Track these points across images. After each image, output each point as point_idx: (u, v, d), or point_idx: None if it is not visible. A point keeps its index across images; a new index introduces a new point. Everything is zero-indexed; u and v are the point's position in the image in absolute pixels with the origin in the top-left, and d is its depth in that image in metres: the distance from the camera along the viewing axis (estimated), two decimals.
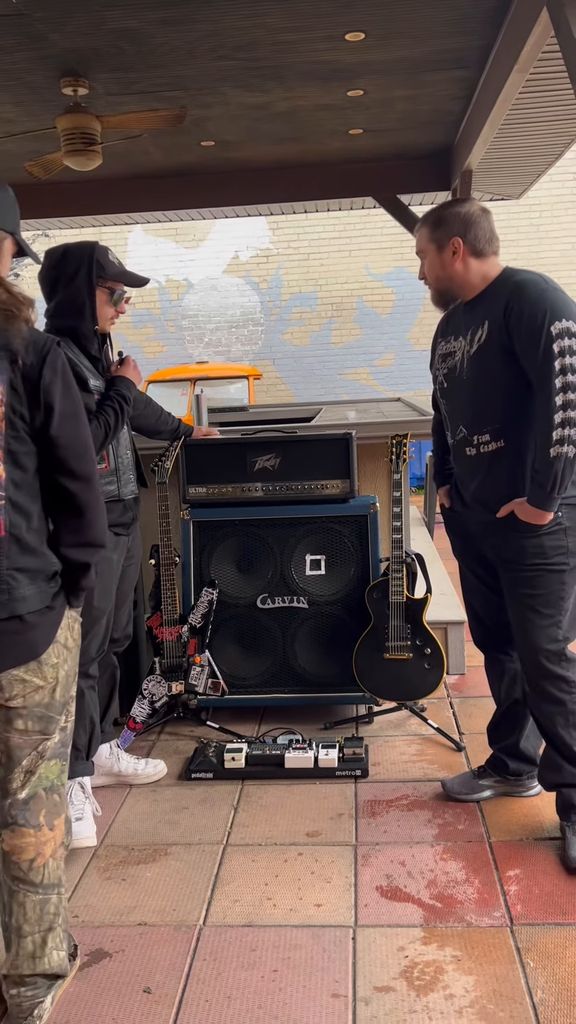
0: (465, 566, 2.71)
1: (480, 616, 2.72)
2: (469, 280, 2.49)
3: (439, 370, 2.64)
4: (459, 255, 2.47)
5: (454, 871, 2.40)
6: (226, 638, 3.42)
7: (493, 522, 2.47)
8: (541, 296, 2.32)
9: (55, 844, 1.85)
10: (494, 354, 2.40)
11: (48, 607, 1.77)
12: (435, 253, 2.51)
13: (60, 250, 2.69)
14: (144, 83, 5.13)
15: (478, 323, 2.45)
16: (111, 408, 2.66)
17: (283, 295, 11.34)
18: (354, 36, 4.54)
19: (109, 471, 2.73)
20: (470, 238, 2.47)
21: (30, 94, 5.25)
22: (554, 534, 2.39)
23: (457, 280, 2.50)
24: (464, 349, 2.51)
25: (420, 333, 11.13)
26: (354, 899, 2.29)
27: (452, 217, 2.49)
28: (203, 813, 2.77)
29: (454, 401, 2.57)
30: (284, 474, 3.37)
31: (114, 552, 2.77)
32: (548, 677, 2.44)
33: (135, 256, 11.48)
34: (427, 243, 2.53)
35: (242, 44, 4.57)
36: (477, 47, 4.78)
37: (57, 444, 1.76)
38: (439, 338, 2.68)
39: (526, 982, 1.96)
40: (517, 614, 2.47)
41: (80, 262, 2.65)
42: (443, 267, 2.50)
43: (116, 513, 2.76)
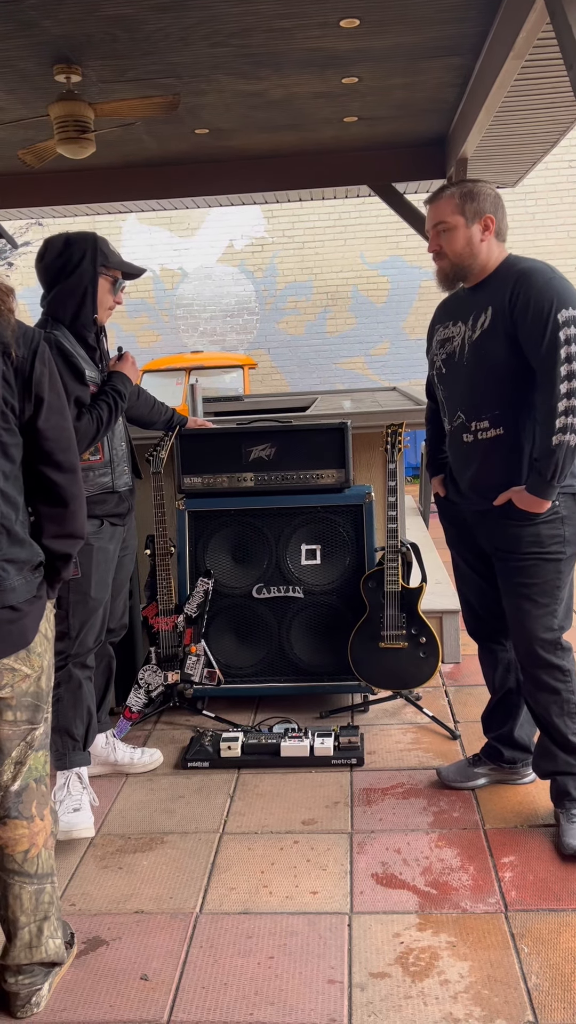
0: (459, 555, 2.71)
1: (473, 606, 2.73)
2: (487, 261, 2.44)
3: (437, 356, 2.61)
4: (489, 232, 2.43)
5: (449, 858, 2.41)
6: (222, 628, 3.42)
7: (489, 510, 2.47)
8: (548, 284, 2.30)
9: (46, 834, 1.86)
10: (497, 340, 2.38)
11: (35, 596, 1.78)
12: (464, 227, 2.42)
13: (62, 239, 2.68)
14: (137, 70, 5.10)
15: (481, 308, 2.42)
16: (105, 403, 2.66)
17: (278, 284, 11.31)
18: (349, 23, 4.52)
19: (103, 463, 2.74)
20: (499, 218, 2.44)
21: (22, 81, 5.21)
22: (551, 523, 2.39)
23: (480, 259, 2.44)
24: (465, 334, 2.48)
25: (415, 322, 11.11)
26: (350, 886, 2.31)
27: (484, 194, 2.43)
28: (199, 802, 2.79)
29: (452, 387, 2.54)
30: (279, 464, 3.37)
31: (110, 542, 2.78)
32: (543, 666, 2.45)
33: (129, 245, 11.43)
34: (455, 215, 2.43)
35: (236, 31, 4.55)
36: (473, 34, 4.75)
37: (45, 436, 1.76)
38: (437, 324, 2.65)
39: (520, 967, 1.97)
40: (512, 603, 2.48)
41: (85, 250, 2.65)
42: (470, 243, 2.43)
43: (111, 504, 2.76)
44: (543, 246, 10.56)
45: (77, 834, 2.55)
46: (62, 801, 2.62)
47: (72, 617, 2.67)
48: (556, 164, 9.98)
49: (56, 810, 2.61)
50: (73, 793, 2.64)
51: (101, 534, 2.74)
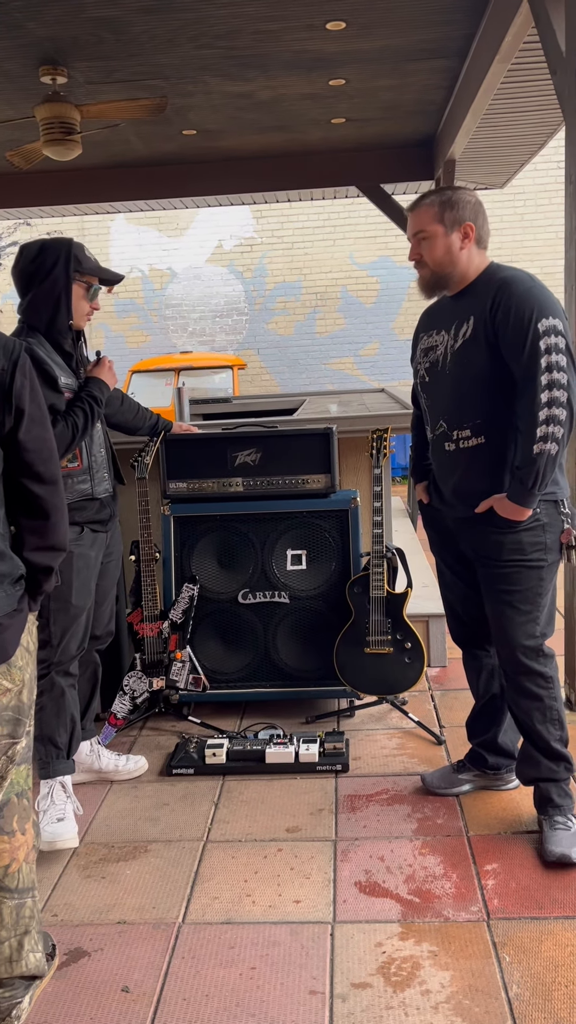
0: (443, 562, 2.71)
1: (457, 612, 2.73)
2: (467, 269, 2.44)
3: (420, 364, 2.61)
4: (469, 240, 2.41)
5: (432, 866, 2.42)
6: (207, 633, 3.42)
7: (471, 518, 2.47)
8: (528, 293, 2.30)
9: (28, 848, 1.85)
10: (479, 349, 2.38)
11: (16, 610, 1.77)
12: (443, 235, 2.41)
13: (36, 245, 2.66)
14: (124, 72, 5.08)
15: (463, 317, 2.43)
16: (80, 409, 2.63)
17: (267, 284, 11.30)
18: (335, 25, 4.52)
19: (82, 469, 2.71)
20: (479, 225, 2.43)
21: (8, 83, 5.19)
22: (532, 530, 2.39)
23: (460, 267, 2.43)
24: (447, 343, 2.48)
25: (404, 323, 11.12)
26: (333, 895, 2.31)
27: (464, 202, 2.41)
28: (184, 809, 2.78)
29: (435, 395, 2.55)
30: (265, 469, 3.36)
31: (91, 549, 2.76)
32: (525, 673, 2.46)
33: (118, 245, 11.39)
34: (434, 223, 2.42)
35: (223, 33, 4.54)
36: (459, 37, 4.76)
37: (25, 448, 1.75)
38: (421, 332, 2.65)
39: (502, 977, 1.98)
40: (495, 610, 2.48)
41: (57, 256, 2.63)
42: (449, 251, 2.42)
43: (91, 511, 2.75)
44: (531, 247, 10.59)
45: (61, 844, 2.54)
46: (45, 811, 2.61)
47: (53, 625, 2.66)
48: (544, 165, 10.00)
49: (39, 821, 2.60)
50: (57, 802, 2.63)
51: (82, 540, 2.72)
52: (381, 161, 7.37)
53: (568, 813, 2.49)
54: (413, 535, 5.74)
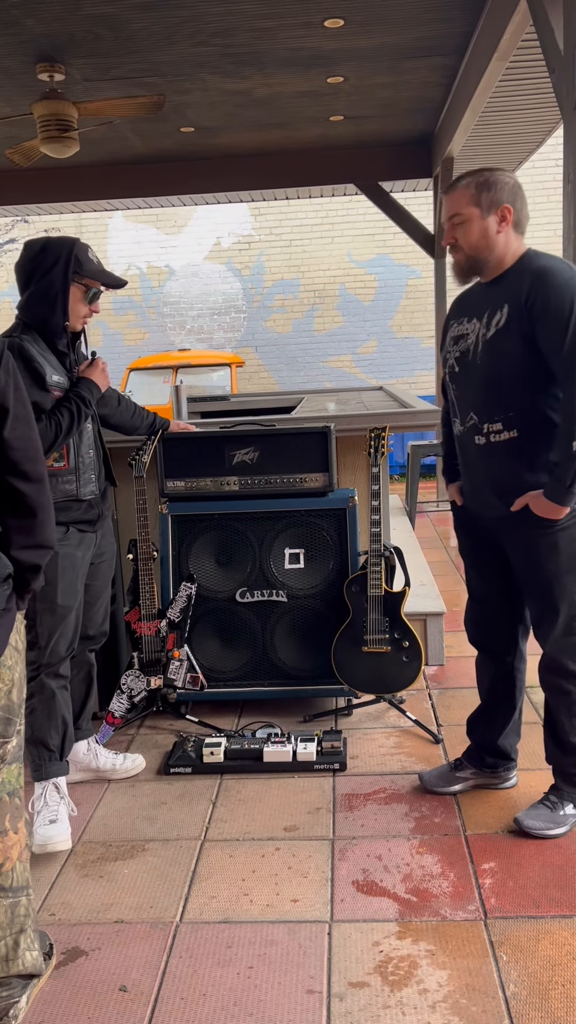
0: (471, 566, 2.65)
1: (478, 615, 2.68)
2: (504, 254, 2.35)
3: (450, 353, 2.49)
4: (507, 223, 2.32)
5: (430, 865, 2.42)
6: (205, 632, 3.41)
7: (506, 516, 2.39)
8: (567, 284, 2.21)
9: (21, 847, 1.85)
10: (512, 340, 2.28)
11: (4, 609, 1.76)
12: (479, 218, 2.31)
13: (40, 243, 2.64)
14: (121, 69, 5.08)
15: (497, 305, 2.33)
16: (66, 409, 2.60)
17: (265, 282, 11.28)
18: (333, 23, 4.52)
19: (68, 470, 2.68)
20: (517, 209, 2.33)
21: (5, 79, 5.18)
22: (568, 529, 2.34)
23: (497, 251, 2.34)
24: (479, 332, 2.38)
25: (402, 320, 11.12)
26: (330, 894, 2.31)
27: (502, 183, 2.31)
28: (181, 808, 2.78)
29: (465, 386, 2.45)
30: (262, 468, 3.36)
31: (78, 548, 2.73)
32: (558, 671, 2.46)
33: (116, 243, 11.38)
34: (470, 206, 2.32)
35: (220, 30, 4.54)
36: (457, 34, 4.75)
37: (11, 446, 1.74)
38: (451, 319, 2.53)
39: (499, 976, 1.98)
40: (532, 608, 2.47)
41: (58, 256, 2.60)
42: (485, 235, 2.32)
43: (78, 511, 2.71)
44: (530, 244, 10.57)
45: (53, 847, 2.53)
46: (39, 812, 2.61)
47: (40, 626, 2.63)
48: (543, 163, 9.99)
49: (32, 822, 2.60)
50: (50, 804, 2.62)
51: (67, 540, 2.69)
52: (379, 159, 7.37)
53: (564, 799, 2.51)
54: (411, 533, 5.74)
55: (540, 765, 2.87)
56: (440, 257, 7.70)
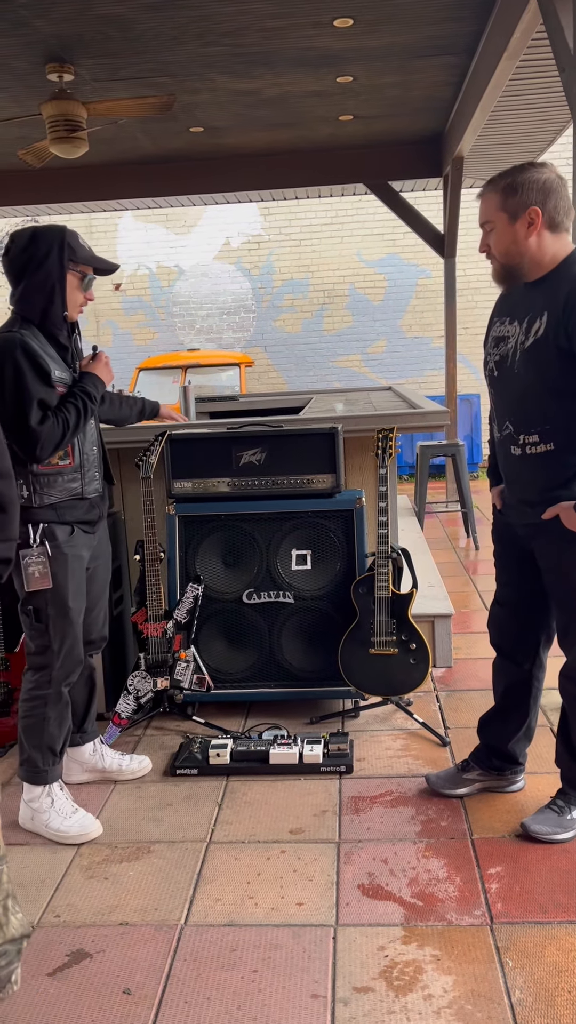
0: (501, 569, 2.62)
1: (502, 621, 2.65)
2: (540, 258, 2.26)
3: (491, 355, 2.42)
4: (536, 227, 2.22)
5: (436, 869, 2.41)
6: (212, 633, 3.41)
7: (539, 525, 2.36)
8: None
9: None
10: (549, 352, 2.21)
11: None
12: (507, 224, 2.25)
13: (28, 232, 2.56)
14: (131, 69, 5.08)
15: (537, 312, 2.25)
16: (73, 405, 2.56)
17: (275, 282, 11.27)
18: (342, 22, 4.50)
19: (73, 467, 2.64)
20: (549, 208, 2.22)
21: (15, 80, 5.19)
22: None
23: (529, 256, 2.26)
24: (518, 338, 2.31)
25: (412, 320, 11.09)
26: (336, 898, 2.30)
27: (529, 183, 2.22)
28: (187, 810, 2.77)
29: (502, 394, 2.38)
30: (270, 468, 3.35)
31: (83, 550, 2.70)
32: None
33: (125, 242, 11.39)
34: (497, 212, 2.26)
35: (229, 30, 4.53)
36: (467, 33, 4.73)
37: None
38: (495, 317, 2.45)
39: (504, 982, 1.96)
40: (560, 619, 2.44)
41: (51, 245, 2.53)
42: (515, 240, 2.25)
43: (81, 510, 2.68)
44: None
45: (95, 833, 2.62)
46: (47, 810, 2.61)
47: (53, 630, 2.61)
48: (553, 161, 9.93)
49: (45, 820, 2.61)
50: (59, 798, 2.63)
51: (73, 541, 2.65)
52: (389, 158, 7.35)
53: (572, 803, 2.50)
54: (420, 534, 5.72)
55: (548, 768, 2.86)
56: (450, 257, 7.67)
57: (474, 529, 6.41)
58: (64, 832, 2.60)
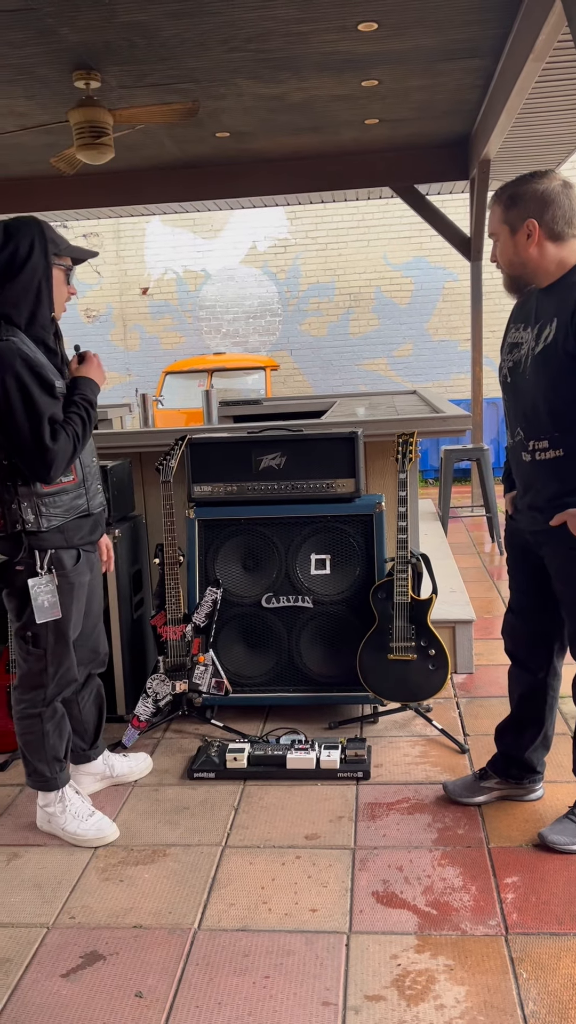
0: (513, 579, 2.61)
1: (516, 629, 2.64)
2: (544, 267, 2.27)
3: (505, 361, 2.43)
4: (534, 239, 2.24)
5: (451, 877, 2.39)
6: (231, 637, 3.42)
7: (548, 531, 2.35)
8: None
9: None
10: (559, 358, 2.21)
11: None
12: (508, 236, 2.27)
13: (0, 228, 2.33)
14: (156, 75, 5.11)
15: (547, 319, 2.26)
16: (77, 416, 2.40)
17: (301, 285, 11.29)
18: (367, 26, 4.50)
19: (76, 483, 2.48)
20: (547, 219, 2.23)
21: (42, 88, 5.25)
22: None
23: (531, 266, 2.28)
24: (530, 344, 2.31)
25: (439, 323, 11.04)
26: (350, 904, 2.29)
27: (528, 195, 2.23)
28: (203, 814, 2.78)
29: (514, 400, 2.38)
30: (289, 473, 3.35)
31: (87, 574, 2.59)
32: None
33: (153, 247, 11.46)
34: (499, 224, 2.29)
35: (253, 36, 4.54)
36: (493, 36, 4.71)
37: None
38: (510, 323, 2.45)
39: (518, 993, 1.94)
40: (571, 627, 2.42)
41: (32, 239, 2.32)
42: (516, 252, 2.28)
43: (86, 530, 2.55)
44: None
45: (112, 836, 2.63)
46: (62, 813, 2.63)
47: (51, 655, 2.55)
48: None
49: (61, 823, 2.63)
50: (73, 801, 2.65)
51: (79, 568, 2.54)
52: (415, 162, 7.34)
53: None
54: (443, 539, 5.69)
55: (568, 778, 2.83)
56: (476, 260, 7.63)
57: (499, 534, 6.36)
58: (80, 835, 2.61)
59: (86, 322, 11.65)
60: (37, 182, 7.69)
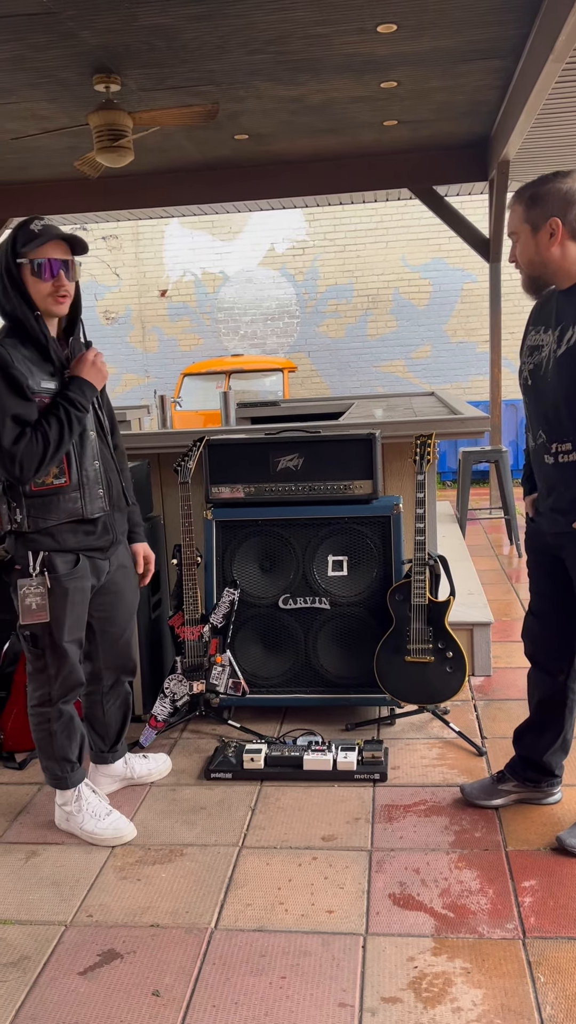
0: (533, 579, 2.60)
1: (535, 632, 2.62)
2: (565, 267, 2.25)
3: (525, 364, 2.41)
4: (556, 238, 2.22)
5: (468, 880, 2.38)
6: (248, 638, 3.42)
7: (567, 533, 2.34)
8: None
9: None
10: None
11: None
12: (529, 235, 2.26)
13: None
14: (176, 78, 5.14)
15: (569, 320, 2.24)
16: (55, 417, 2.34)
17: (319, 287, 11.29)
18: (386, 28, 4.50)
19: (71, 486, 2.44)
20: (571, 219, 2.21)
21: (63, 91, 5.28)
22: None
23: (552, 266, 2.26)
24: (551, 347, 2.29)
25: (457, 325, 11.01)
26: (366, 906, 2.29)
27: (551, 194, 2.21)
28: (220, 814, 2.79)
29: (536, 403, 2.37)
30: (307, 474, 3.35)
31: (87, 580, 2.55)
32: None
33: (172, 249, 11.50)
34: (520, 223, 2.27)
35: (273, 38, 4.56)
36: (512, 36, 4.70)
37: None
38: (530, 326, 2.44)
39: (535, 997, 1.93)
40: None
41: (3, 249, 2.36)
42: (538, 251, 2.25)
43: (91, 536, 2.52)
44: None
45: (129, 836, 2.64)
46: (80, 811, 2.64)
47: (49, 657, 2.55)
48: None
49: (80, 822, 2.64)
50: (90, 800, 2.66)
51: (76, 573, 2.50)
52: (434, 163, 7.32)
53: None
54: (461, 541, 5.67)
55: None
56: (495, 261, 7.60)
57: (517, 536, 6.33)
58: (98, 834, 2.63)
59: (105, 324, 11.71)
60: (58, 185, 7.74)
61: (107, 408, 2.68)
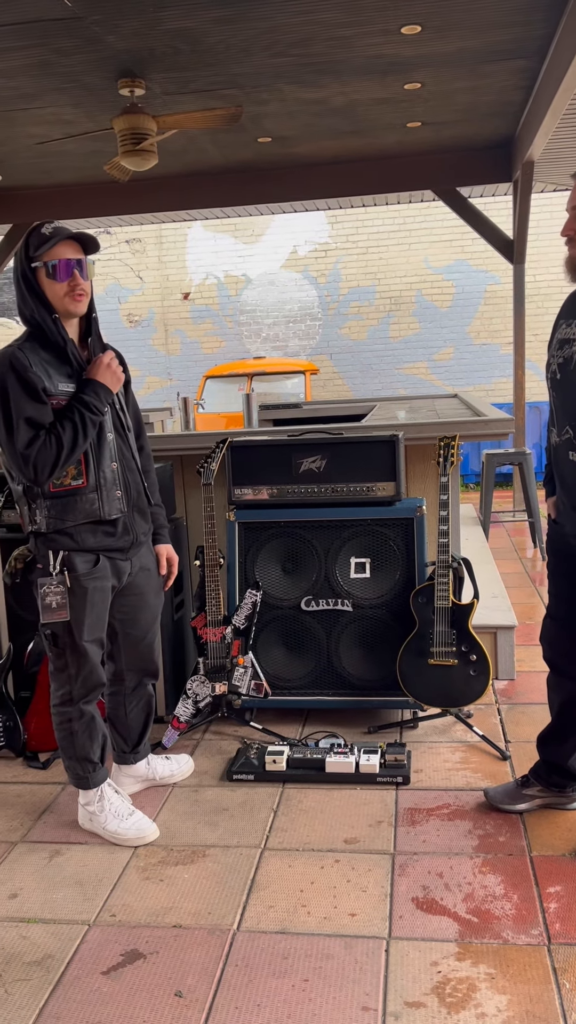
0: (554, 584, 2.57)
1: (553, 636, 2.59)
2: None
3: (554, 357, 2.37)
4: None
5: (492, 885, 2.36)
6: (270, 640, 3.42)
7: None
8: None
9: None
10: None
11: None
12: None
13: None
14: (200, 82, 5.15)
15: None
16: (68, 420, 2.36)
17: (341, 289, 11.28)
18: (410, 29, 4.49)
19: (88, 487, 2.46)
20: None
21: (88, 95, 5.32)
22: None
23: None
24: None
25: (480, 327, 10.96)
26: (389, 910, 2.27)
27: None
28: (243, 815, 2.78)
29: (563, 396, 2.33)
30: (330, 476, 3.35)
31: (108, 580, 2.56)
32: None
33: (195, 252, 11.55)
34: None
35: (297, 40, 4.56)
36: (538, 37, 4.67)
37: None
38: (561, 319, 2.40)
39: (561, 1004, 1.91)
40: None
41: (19, 252, 2.43)
42: None
43: (111, 537, 2.53)
44: None
45: (152, 836, 2.64)
46: (101, 812, 2.65)
47: (69, 656, 2.56)
48: None
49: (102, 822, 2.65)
50: (112, 801, 2.67)
51: (96, 573, 2.51)
52: (457, 164, 7.29)
53: None
54: (484, 544, 5.64)
55: None
56: (519, 263, 7.56)
57: (541, 539, 6.28)
58: (121, 834, 2.64)
59: (128, 327, 11.78)
60: (82, 188, 7.80)
61: (132, 409, 2.70)
